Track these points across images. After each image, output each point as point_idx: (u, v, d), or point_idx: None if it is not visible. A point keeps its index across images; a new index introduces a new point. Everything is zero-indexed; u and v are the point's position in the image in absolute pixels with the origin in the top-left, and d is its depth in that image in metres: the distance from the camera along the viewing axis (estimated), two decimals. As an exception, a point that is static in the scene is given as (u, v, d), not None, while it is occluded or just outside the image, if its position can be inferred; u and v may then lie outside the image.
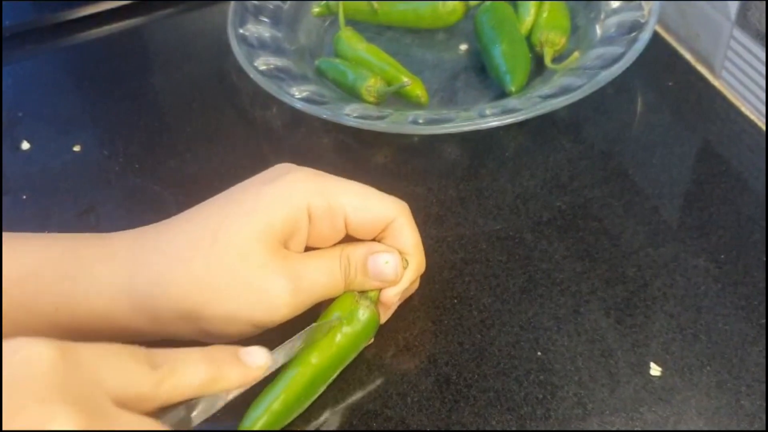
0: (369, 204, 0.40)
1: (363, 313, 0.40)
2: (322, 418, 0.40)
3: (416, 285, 0.44)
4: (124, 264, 0.38)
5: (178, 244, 0.38)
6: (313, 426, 0.40)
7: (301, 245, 0.40)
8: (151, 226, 0.40)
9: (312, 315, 0.40)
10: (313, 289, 0.39)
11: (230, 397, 0.35)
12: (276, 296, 0.37)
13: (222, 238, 0.37)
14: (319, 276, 0.39)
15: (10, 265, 0.38)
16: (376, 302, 0.41)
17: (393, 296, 0.41)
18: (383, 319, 0.42)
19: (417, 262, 0.42)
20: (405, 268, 0.41)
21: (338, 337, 0.40)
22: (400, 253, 0.41)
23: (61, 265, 0.38)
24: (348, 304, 0.40)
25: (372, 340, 0.42)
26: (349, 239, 0.41)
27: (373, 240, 0.41)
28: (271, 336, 0.39)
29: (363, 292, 0.41)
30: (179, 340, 0.40)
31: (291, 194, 0.38)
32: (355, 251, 0.40)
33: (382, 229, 0.41)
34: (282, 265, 0.38)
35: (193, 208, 0.40)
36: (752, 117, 0.55)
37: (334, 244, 0.41)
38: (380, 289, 0.41)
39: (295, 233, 0.39)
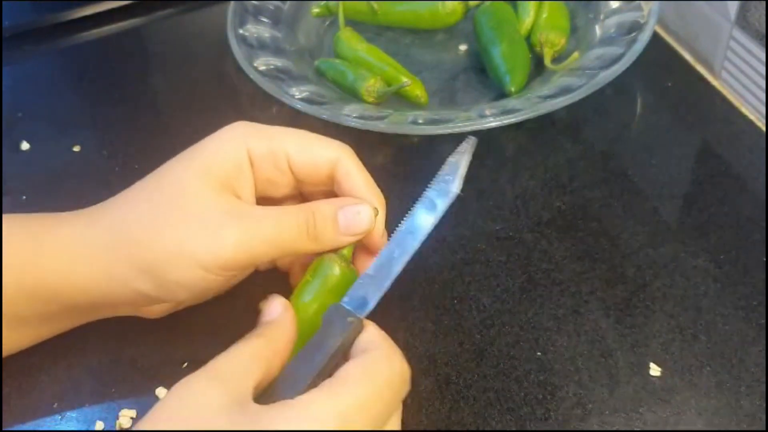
0: (310, 144, 0.40)
1: (332, 268, 0.40)
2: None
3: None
4: (84, 221, 0.39)
5: (129, 195, 0.40)
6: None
7: (249, 193, 0.40)
8: None
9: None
10: (262, 232, 0.37)
11: None
12: (219, 228, 0.37)
13: (165, 182, 0.38)
14: (271, 221, 0.38)
15: None
16: (349, 259, 0.41)
17: (379, 240, 0.41)
18: (366, 265, 0.41)
19: (377, 203, 0.41)
20: (377, 215, 0.40)
21: (307, 298, 0.39)
22: (360, 198, 0.40)
23: (28, 228, 0.39)
24: (318, 263, 0.40)
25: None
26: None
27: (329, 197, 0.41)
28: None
29: (335, 251, 0.40)
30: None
31: (229, 139, 0.39)
32: (324, 205, 0.40)
33: (330, 173, 0.40)
34: (227, 204, 0.38)
35: None
36: (752, 117, 0.55)
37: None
38: (353, 245, 0.41)
39: (239, 177, 0.39)
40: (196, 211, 0.37)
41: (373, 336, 0.36)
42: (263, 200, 0.41)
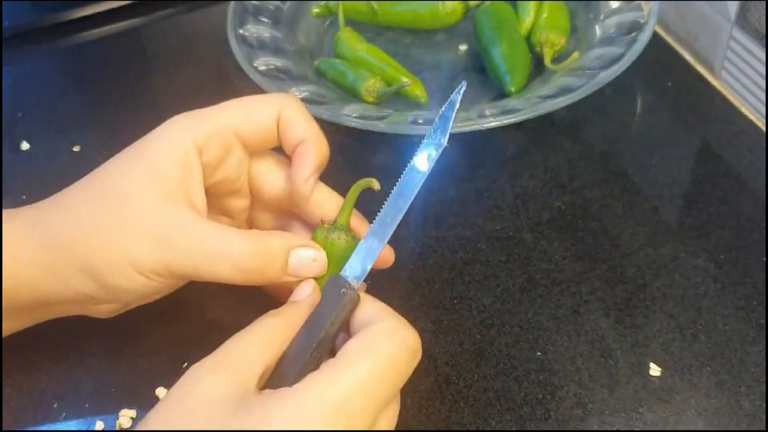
0: (252, 107, 0.39)
1: (334, 241, 0.39)
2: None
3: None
4: (25, 220, 0.39)
5: (71, 194, 0.39)
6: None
7: (199, 191, 0.38)
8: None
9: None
10: (201, 255, 0.36)
11: None
12: (158, 240, 0.36)
13: (110, 187, 0.38)
14: (213, 247, 0.36)
15: None
16: (347, 227, 0.40)
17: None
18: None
19: (321, 150, 0.40)
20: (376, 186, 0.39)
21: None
22: (303, 144, 0.39)
23: None
24: (316, 238, 0.39)
25: None
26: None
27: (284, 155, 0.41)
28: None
29: (331, 225, 0.39)
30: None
31: (173, 135, 0.38)
32: (275, 242, 0.37)
33: (278, 121, 0.39)
34: (173, 216, 0.36)
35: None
36: (752, 117, 0.55)
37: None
38: (347, 214, 0.40)
39: (187, 177, 0.38)
40: (139, 221, 0.36)
41: (373, 309, 0.35)
42: (214, 189, 0.40)
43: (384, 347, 0.32)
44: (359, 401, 0.31)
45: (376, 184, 0.40)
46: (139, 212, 0.36)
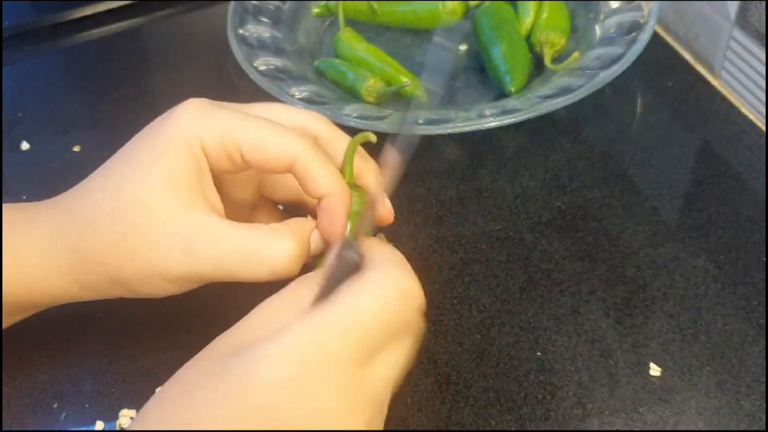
0: (264, 137, 0.36)
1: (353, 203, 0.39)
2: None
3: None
4: (43, 231, 0.38)
5: (87, 206, 0.38)
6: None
7: (212, 187, 0.38)
8: (69, 190, 0.40)
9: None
10: (222, 253, 0.36)
11: None
12: (189, 250, 0.36)
13: (125, 195, 0.36)
14: (239, 247, 0.36)
15: None
16: (353, 184, 0.39)
17: (387, 214, 0.40)
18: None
19: (346, 202, 0.37)
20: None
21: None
22: (327, 200, 0.37)
23: (7, 222, 0.38)
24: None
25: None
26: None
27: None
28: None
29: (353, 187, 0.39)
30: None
31: (183, 134, 0.37)
32: (303, 232, 0.37)
33: (288, 166, 0.37)
34: (198, 223, 0.36)
35: (102, 165, 0.39)
36: (752, 117, 0.55)
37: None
38: (349, 172, 0.39)
39: (201, 178, 0.37)
40: (165, 235, 0.36)
41: (374, 255, 0.33)
42: (221, 182, 0.40)
43: (369, 289, 0.31)
44: (337, 342, 0.29)
45: (372, 137, 0.39)
46: (163, 226, 0.36)
